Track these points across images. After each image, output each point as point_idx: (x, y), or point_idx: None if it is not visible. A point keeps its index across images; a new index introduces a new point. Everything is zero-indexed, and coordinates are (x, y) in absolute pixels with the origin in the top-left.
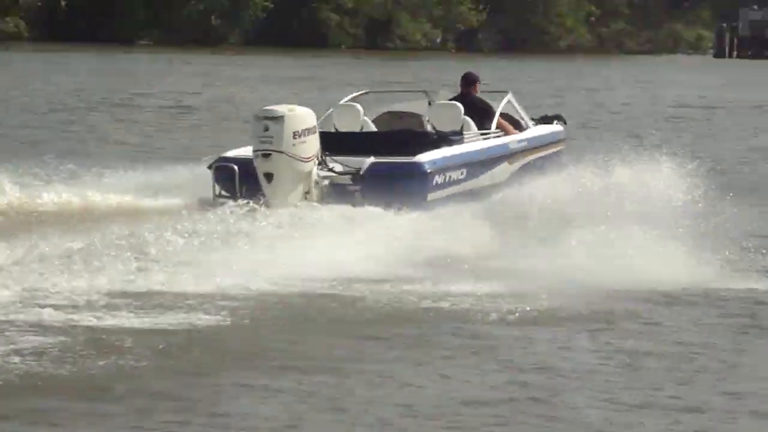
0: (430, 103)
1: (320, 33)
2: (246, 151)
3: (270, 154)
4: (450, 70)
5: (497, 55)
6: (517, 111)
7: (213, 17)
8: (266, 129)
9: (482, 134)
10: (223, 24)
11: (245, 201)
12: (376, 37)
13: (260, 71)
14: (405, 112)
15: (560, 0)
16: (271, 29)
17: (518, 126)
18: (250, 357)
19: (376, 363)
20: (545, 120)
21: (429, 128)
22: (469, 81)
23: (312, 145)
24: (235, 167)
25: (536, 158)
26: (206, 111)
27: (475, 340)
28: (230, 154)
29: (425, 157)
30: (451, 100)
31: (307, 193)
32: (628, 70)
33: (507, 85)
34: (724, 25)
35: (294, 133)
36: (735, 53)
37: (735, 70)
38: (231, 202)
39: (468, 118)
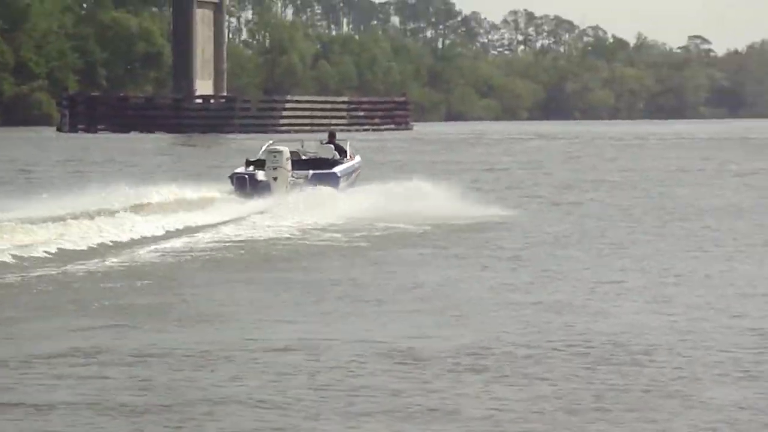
0: (302, 146)
1: None
2: (243, 170)
3: (277, 168)
4: None
5: None
6: (350, 148)
7: None
8: (275, 156)
9: (345, 160)
10: None
11: (261, 195)
12: None
13: None
14: (293, 151)
15: None
16: None
17: (353, 157)
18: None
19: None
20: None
21: (304, 158)
22: (331, 135)
23: (290, 165)
24: (246, 177)
25: (359, 172)
26: None
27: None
28: (238, 170)
29: (337, 170)
30: (326, 143)
31: (286, 187)
32: None
33: None
34: None
35: (286, 158)
36: None
37: None
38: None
39: (336, 152)
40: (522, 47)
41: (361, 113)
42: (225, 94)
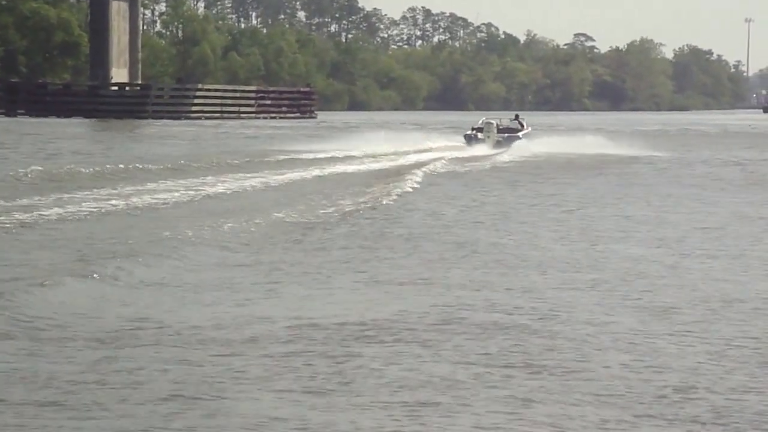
0: (500, 120)
1: None
2: (470, 132)
3: (490, 131)
4: None
5: None
6: (525, 122)
7: None
8: (489, 125)
9: (522, 129)
10: None
11: (477, 146)
12: None
13: None
14: (491, 122)
15: None
16: None
17: (527, 127)
18: None
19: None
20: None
21: (501, 127)
22: (516, 115)
23: (496, 130)
24: (472, 136)
25: (530, 135)
26: None
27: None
28: (468, 132)
29: (520, 134)
30: (513, 120)
31: (493, 143)
32: None
33: None
34: None
35: (495, 126)
36: None
37: None
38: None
39: (519, 125)
40: (420, 42)
41: (269, 102)
42: (140, 82)
